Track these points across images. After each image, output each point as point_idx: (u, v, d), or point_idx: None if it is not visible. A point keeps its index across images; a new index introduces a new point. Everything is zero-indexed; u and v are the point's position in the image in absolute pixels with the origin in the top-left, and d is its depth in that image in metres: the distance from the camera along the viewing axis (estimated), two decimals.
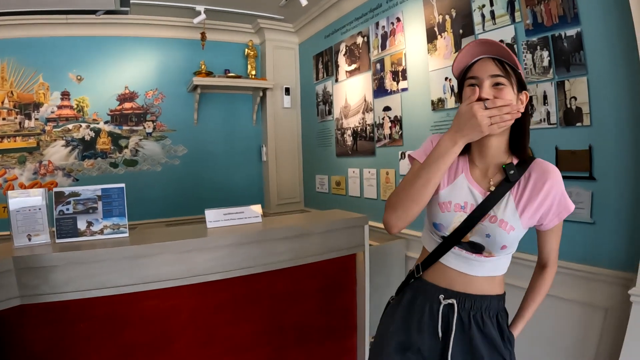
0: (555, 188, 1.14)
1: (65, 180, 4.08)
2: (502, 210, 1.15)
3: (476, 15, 2.44)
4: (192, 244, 1.93)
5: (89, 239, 1.93)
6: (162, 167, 4.41)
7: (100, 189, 1.99)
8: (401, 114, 3.14)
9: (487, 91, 1.10)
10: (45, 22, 3.83)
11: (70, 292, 1.75)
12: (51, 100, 4.01)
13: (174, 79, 4.38)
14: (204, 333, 2.02)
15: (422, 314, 1.25)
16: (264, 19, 4.33)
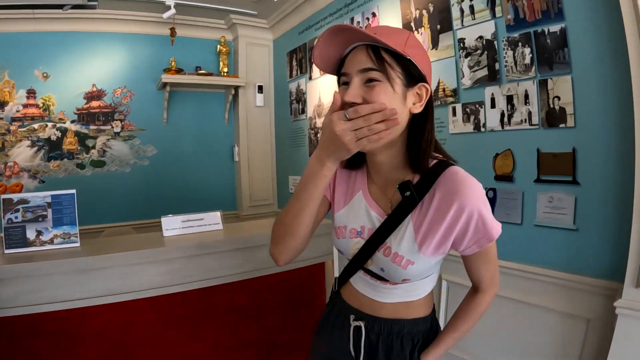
0: (468, 211, 0.87)
1: (31, 182, 3.85)
2: (398, 241, 0.95)
3: (455, 10, 2.32)
4: (145, 255, 1.82)
5: (39, 249, 1.84)
6: (131, 168, 4.22)
7: (50, 196, 1.90)
8: None
9: (353, 92, 0.85)
10: (11, 17, 3.60)
11: (19, 307, 1.65)
12: (16, 98, 3.79)
13: (143, 76, 4.18)
14: (161, 350, 1.89)
15: (337, 330, 1.14)
16: (237, 15, 4.16)
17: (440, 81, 2.45)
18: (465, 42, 2.27)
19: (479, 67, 2.21)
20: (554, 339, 1.96)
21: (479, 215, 0.88)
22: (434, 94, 2.48)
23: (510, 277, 2.14)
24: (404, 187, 0.93)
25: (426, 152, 0.92)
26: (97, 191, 3.99)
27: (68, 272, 1.70)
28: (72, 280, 1.71)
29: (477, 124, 2.26)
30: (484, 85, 2.20)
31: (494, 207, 2.19)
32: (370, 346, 1.06)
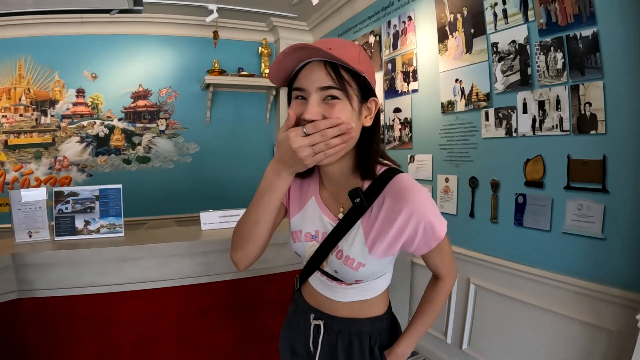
0: (415, 217, 0.91)
1: (79, 175, 4.13)
2: (349, 244, 0.99)
3: (488, 14, 2.31)
4: (182, 247, 1.93)
5: (86, 238, 1.99)
6: (174, 164, 4.42)
7: (98, 189, 2.04)
8: (411, 116, 3.04)
9: (313, 110, 0.85)
10: (60, 21, 3.87)
11: (64, 289, 1.81)
12: (66, 97, 4.07)
13: (187, 77, 4.37)
14: (188, 337, 2.01)
15: (298, 328, 1.19)
16: (278, 18, 4.27)
17: (473, 85, 2.45)
18: (499, 47, 2.26)
19: (512, 71, 2.19)
20: (575, 348, 1.93)
21: (426, 222, 0.92)
22: (468, 97, 2.48)
23: (535, 283, 2.12)
24: (353, 194, 0.96)
25: (374, 160, 0.97)
26: (141, 185, 4.22)
27: (109, 259, 1.84)
28: (112, 267, 1.85)
29: (509, 129, 2.24)
30: (516, 90, 2.18)
31: (523, 213, 2.17)
32: (329, 344, 1.11)
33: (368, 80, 0.91)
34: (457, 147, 2.62)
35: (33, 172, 4.01)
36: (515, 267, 2.22)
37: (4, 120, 3.96)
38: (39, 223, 1.95)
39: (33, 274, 1.77)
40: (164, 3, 3.78)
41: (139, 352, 1.93)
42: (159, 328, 1.95)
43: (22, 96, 3.97)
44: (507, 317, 2.28)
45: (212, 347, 2.05)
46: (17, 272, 1.75)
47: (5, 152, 3.96)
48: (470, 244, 2.54)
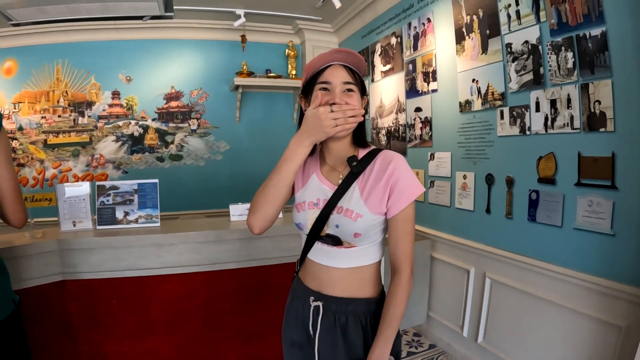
0: (399, 170, 1.15)
1: (115, 172, 4.38)
2: (347, 200, 1.18)
3: (502, 15, 2.36)
4: (212, 235, 2.10)
5: (125, 227, 2.18)
6: (205, 162, 4.63)
7: (136, 184, 2.23)
8: (431, 115, 3.10)
9: (339, 97, 1.17)
10: (96, 28, 4.12)
11: (104, 272, 2.00)
12: (103, 99, 4.33)
13: (217, 78, 4.57)
14: (215, 318, 2.17)
15: (296, 315, 1.32)
16: (303, 20, 4.40)
17: (489, 85, 2.50)
18: (512, 47, 2.31)
19: (525, 71, 2.24)
20: (586, 344, 1.97)
21: (405, 174, 1.16)
22: (484, 97, 2.54)
23: (548, 278, 2.17)
24: (351, 159, 1.21)
25: (365, 135, 1.28)
26: (174, 182, 4.44)
27: (147, 245, 2.02)
28: (150, 252, 2.03)
29: (522, 127, 2.29)
30: (529, 89, 2.23)
31: (536, 209, 2.22)
32: (327, 324, 1.24)
33: (364, 84, 1.25)
34: (474, 145, 2.68)
35: (71, 169, 4.28)
36: (528, 262, 2.27)
37: (43, 120, 4.24)
38: (82, 213, 2.15)
39: (76, 258, 1.96)
40: (194, 9, 3.97)
41: (170, 330, 2.11)
42: (188, 309, 2.12)
43: (60, 98, 4.24)
44: (521, 311, 2.34)
45: (237, 328, 2.21)
46: (62, 257, 1.94)
47: (45, 150, 4.24)
48: (486, 239, 2.60)
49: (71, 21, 2.75)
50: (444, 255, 3.01)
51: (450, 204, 2.93)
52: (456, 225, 2.88)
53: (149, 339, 2.09)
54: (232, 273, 2.15)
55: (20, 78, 4.21)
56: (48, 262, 1.91)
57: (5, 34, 4.05)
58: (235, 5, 3.92)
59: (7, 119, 4.21)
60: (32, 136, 4.25)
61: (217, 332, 2.18)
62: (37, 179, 4.26)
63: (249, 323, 2.23)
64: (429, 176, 3.15)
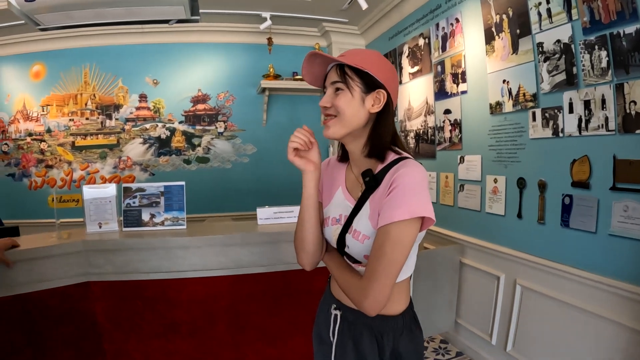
0: (397, 181, 1.01)
1: (142, 174, 4.48)
2: (358, 219, 1.12)
3: (533, 14, 2.29)
4: (238, 238, 2.08)
5: (151, 229, 2.17)
6: (232, 165, 4.67)
7: (163, 186, 2.22)
8: (461, 117, 3.04)
9: (324, 99, 1.13)
10: (122, 32, 4.23)
11: (129, 273, 2.01)
12: (130, 102, 4.44)
13: (243, 81, 4.61)
14: (239, 321, 2.16)
15: (325, 317, 1.29)
16: (329, 23, 4.39)
17: (520, 86, 2.43)
18: (544, 46, 2.24)
19: (557, 71, 2.17)
20: (621, 355, 1.88)
21: (404, 186, 1.01)
22: (515, 98, 2.47)
23: (581, 285, 2.09)
24: (364, 173, 1.11)
25: (383, 142, 1.13)
26: (201, 184, 4.49)
27: (172, 247, 2.02)
28: (175, 255, 2.03)
29: (555, 129, 2.22)
30: (562, 90, 2.15)
31: (569, 214, 2.14)
32: (343, 334, 1.21)
33: (373, 75, 1.09)
34: (505, 148, 2.61)
35: (99, 171, 4.42)
36: (561, 269, 2.19)
37: (71, 123, 4.39)
38: (108, 215, 2.16)
39: (102, 259, 1.99)
40: (220, 12, 4.02)
41: (195, 332, 2.12)
42: (213, 311, 2.12)
43: (88, 101, 4.38)
44: (553, 319, 2.26)
45: (261, 331, 2.20)
46: (88, 258, 1.97)
47: (73, 152, 4.39)
48: (518, 245, 2.52)
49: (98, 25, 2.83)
50: (474, 260, 2.94)
51: (480, 208, 2.86)
52: (486, 230, 2.81)
53: (173, 340, 2.10)
54: (257, 276, 2.13)
55: (48, 81, 4.37)
56: (73, 263, 1.95)
57: (33, 39, 4.22)
58: (261, 8, 3.95)
59: (35, 122, 4.38)
60: (60, 138, 4.40)
61: (241, 335, 2.18)
62: (64, 180, 4.41)
63: (273, 326, 2.21)
64: (458, 180, 3.09)
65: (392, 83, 1.13)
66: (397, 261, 0.99)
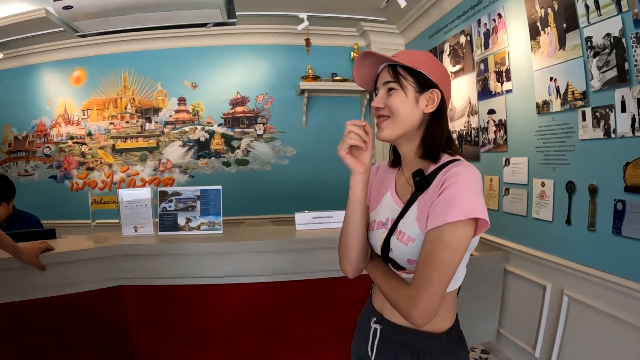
0: (450, 181, 0.96)
1: (181, 176, 4.58)
2: (403, 221, 1.06)
3: (579, 7, 2.14)
4: (275, 244, 2.06)
5: (187, 234, 2.18)
6: (272, 167, 4.67)
7: (199, 190, 2.22)
8: (506, 117, 2.90)
9: (377, 100, 1.10)
10: (160, 37, 4.33)
11: (162, 279, 2.02)
12: (169, 105, 4.55)
13: (282, 83, 4.61)
14: (274, 330, 2.13)
15: (364, 331, 1.23)
16: (367, 22, 4.31)
17: (568, 84, 2.28)
18: (593, 41, 2.09)
19: (608, 67, 2.01)
20: None
21: (457, 186, 0.95)
22: (563, 96, 2.32)
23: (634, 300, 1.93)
24: (415, 174, 1.07)
25: (438, 143, 1.08)
26: (240, 186, 4.53)
27: (208, 253, 2.02)
28: (210, 261, 2.03)
29: (607, 130, 2.06)
30: (613, 88, 2.00)
31: (622, 221, 1.98)
32: (382, 350, 1.13)
33: (426, 74, 1.07)
34: (553, 150, 2.46)
35: (138, 173, 4.56)
36: (613, 280, 2.03)
37: (111, 127, 4.56)
38: (144, 219, 2.20)
39: (136, 264, 2.02)
40: (257, 15, 4.03)
41: (228, 340, 2.11)
42: (248, 318, 2.11)
43: (127, 105, 4.53)
44: (602, 333, 2.10)
45: (298, 341, 2.16)
46: (122, 262, 2.00)
47: (113, 155, 4.55)
48: (566, 253, 2.37)
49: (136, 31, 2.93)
50: (519, 268, 2.79)
51: (526, 213, 2.71)
52: (533, 236, 2.66)
53: (206, 347, 2.10)
54: (294, 284, 2.09)
55: (88, 86, 4.55)
56: (107, 267, 1.99)
57: (73, 45, 4.40)
58: (298, 9, 3.94)
59: (76, 125, 4.57)
60: (101, 141, 4.57)
61: (276, 344, 2.15)
62: (105, 182, 4.58)
63: (310, 336, 2.17)
64: (503, 183, 2.95)
65: (445, 83, 1.11)
66: (449, 267, 0.93)
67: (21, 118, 4.68)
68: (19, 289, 1.86)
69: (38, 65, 4.59)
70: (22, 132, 4.68)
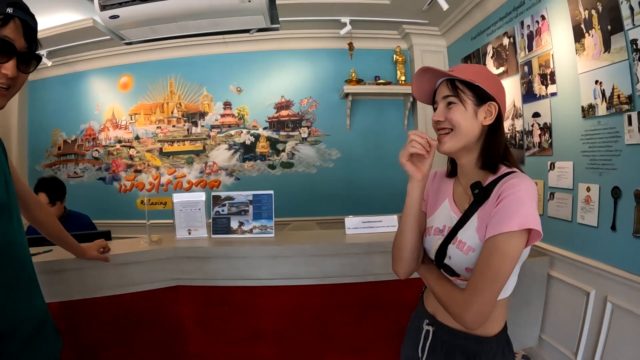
0: (507, 192, 1.01)
1: (227, 179, 4.73)
2: (464, 230, 1.10)
3: (624, 8, 2.09)
4: (328, 247, 2.12)
5: (240, 237, 2.26)
6: (317, 170, 4.75)
7: (252, 195, 2.30)
8: (550, 120, 2.85)
9: (438, 113, 1.14)
10: (205, 43, 4.49)
11: (218, 280, 2.10)
12: (215, 109, 4.72)
13: (326, 87, 4.68)
14: (326, 331, 2.18)
15: (415, 333, 1.27)
16: (409, 25, 4.32)
17: (614, 87, 2.23)
18: (638, 44, 2.04)
19: None
20: None
21: (514, 197, 1.00)
22: (609, 100, 2.28)
23: None
24: (474, 185, 1.11)
25: (496, 155, 1.12)
26: (285, 189, 4.60)
27: (261, 256, 2.09)
28: (263, 263, 2.10)
29: None
30: None
31: None
32: (434, 353, 1.17)
33: (483, 88, 1.10)
34: (599, 154, 2.41)
35: (185, 175, 4.74)
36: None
37: (158, 130, 4.76)
38: (197, 222, 2.28)
39: (191, 265, 2.10)
40: (300, 20, 4.12)
41: (280, 340, 2.17)
42: (300, 320, 2.16)
43: (174, 110, 4.73)
44: None
45: (348, 342, 2.19)
46: (178, 263, 2.10)
47: (161, 158, 4.75)
48: (610, 259, 2.31)
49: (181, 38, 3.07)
50: (562, 274, 2.74)
51: (571, 218, 2.66)
52: (577, 242, 2.61)
53: (258, 346, 2.17)
54: (346, 287, 2.13)
55: (136, 92, 4.78)
56: (164, 268, 2.08)
57: (120, 52, 4.63)
58: (340, 13, 4.00)
59: (124, 129, 4.81)
60: (149, 145, 4.79)
61: (327, 345, 2.19)
62: (152, 184, 4.80)
63: (360, 338, 2.20)
64: (548, 187, 2.90)
65: (501, 95, 1.14)
66: (502, 275, 0.98)
67: (70, 123, 4.96)
68: (81, 288, 1.97)
69: (86, 72, 4.86)
70: (71, 135, 4.97)
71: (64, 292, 1.95)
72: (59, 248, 1.82)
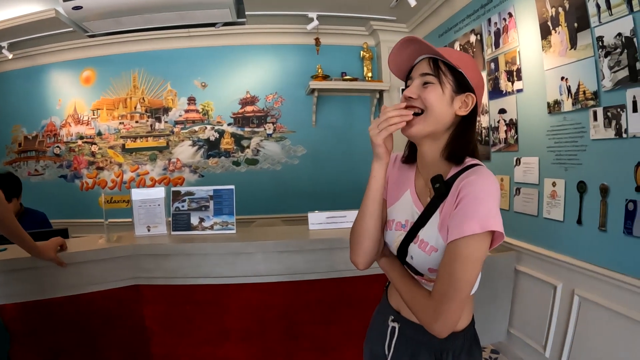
0: (466, 190, 0.94)
1: (191, 176, 4.61)
2: (426, 229, 1.03)
3: (591, 6, 2.13)
4: (291, 244, 2.06)
5: (200, 233, 2.19)
6: (282, 166, 4.68)
7: (212, 190, 2.22)
8: (517, 116, 2.89)
9: (411, 89, 1.04)
10: (169, 37, 4.37)
11: (179, 278, 2.03)
12: (179, 105, 4.59)
13: (292, 83, 4.62)
14: (293, 329, 2.14)
15: (378, 329, 1.23)
16: (377, 21, 4.32)
17: (580, 83, 2.27)
18: (604, 40, 2.08)
19: (620, 67, 2.00)
20: None
21: (472, 196, 0.93)
22: (575, 96, 2.31)
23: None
24: (434, 179, 1.03)
25: (464, 149, 1.05)
26: (250, 186, 4.54)
27: (223, 253, 2.03)
28: (226, 260, 2.03)
29: (618, 130, 2.05)
30: (625, 87, 1.99)
31: (633, 221, 1.98)
32: (400, 349, 1.14)
33: (466, 76, 1.03)
34: (565, 150, 2.45)
35: (148, 172, 4.60)
36: (624, 280, 2.03)
37: (121, 126, 4.60)
38: (157, 219, 2.20)
39: (151, 263, 2.03)
40: (266, 14, 4.04)
41: (246, 339, 2.12)
42: (266, 318, 2.11)
43: (137, 105, 4.57)
44: (613, 334, 2.10)
45: (314, 340, 2.16)
46: (138, 261, 2.02)
47: (123, 154, 4.60)
48: (577, 253, 2.36)
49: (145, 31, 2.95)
50: (529, 268, 2.79)
51: (537, 213, 2.71)
52: (543, 236, 2.65)
53: (224, 346, 2.12)
54: (311, 284, 2.09)
55: (98, 86, 4.60)
56: (123, 267, 2.00)
57: (83, 45, 4.45)
58: (308, 8, 3.95)
59: (86, 125, 4.63)
60: (111, 141, 4.62)
61: (294, 343, 2.16)
62: (115, 182, 4.63)
63: (328, 335, 2.17)
64: (514, 183, 2.94)
65: (480, 90, 1.08)
66: (468, 280, 0.92)
67: (31, 118, 4.73)
68: (39, 288, 1.88)
69: (48, 66, 4.64)
70: (32, 132, 4.74)
71: (19, 292, 1.86)
72: (13, 246, 1.75)
